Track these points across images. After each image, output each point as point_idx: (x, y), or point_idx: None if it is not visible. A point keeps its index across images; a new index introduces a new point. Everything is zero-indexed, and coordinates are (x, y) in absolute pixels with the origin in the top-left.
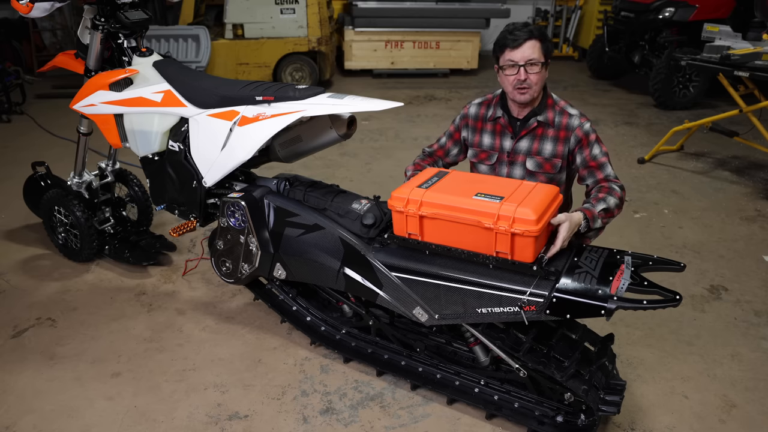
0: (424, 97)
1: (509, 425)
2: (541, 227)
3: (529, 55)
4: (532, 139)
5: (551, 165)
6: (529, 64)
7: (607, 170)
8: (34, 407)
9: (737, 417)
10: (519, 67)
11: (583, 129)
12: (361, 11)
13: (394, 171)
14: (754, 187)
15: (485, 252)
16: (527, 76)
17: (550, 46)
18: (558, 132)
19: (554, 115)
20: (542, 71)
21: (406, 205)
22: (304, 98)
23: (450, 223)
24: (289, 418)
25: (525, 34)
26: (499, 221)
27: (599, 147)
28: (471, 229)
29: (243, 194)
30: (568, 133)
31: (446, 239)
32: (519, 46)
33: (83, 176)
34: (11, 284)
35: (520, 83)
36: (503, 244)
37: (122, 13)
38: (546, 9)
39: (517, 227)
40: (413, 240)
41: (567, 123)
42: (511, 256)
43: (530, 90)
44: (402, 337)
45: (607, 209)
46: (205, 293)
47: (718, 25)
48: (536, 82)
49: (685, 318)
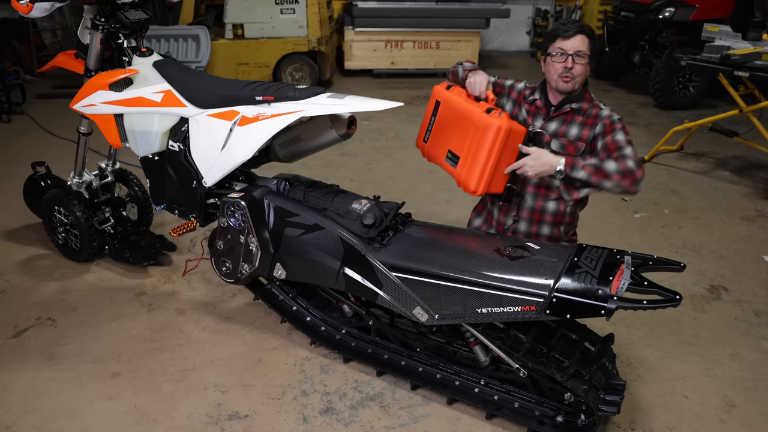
0: (424, 97)
1: (509, 425)
2: None
3: (578, 46)
4: (561, 122)
5: (575, 148)
6: (577, 55)
7: (625, 150)
8: (34, 407)
9: (737, 417)
10: (568, 56)
11: (611, 118)
12: (361, 11)
13: (394, 171)
14: (754, 187)
15: None
16: (573, 65)
17: (596, 45)
18: (587, 119)
19: (588, 107)
20: (587, 65)
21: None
22: (304, 98)
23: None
24: (289, 418)
25: (576, 27)
26: None
27: (623, 134)
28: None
29: (243, 194)
30: (596, 120)
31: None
32: (570, 37)
33: (83, 176)
34: (11, 284)
35: (566, 71)
36: None
37: (122, 13)
38: (546, 9)
39: None
40: None
41: (597, 113)
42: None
43: (573, 80)
44: (402, 337)
45: (597, 167)
46: (205, 293)
47: (718, 25)
48: (580, 73)
49: (685, 318)
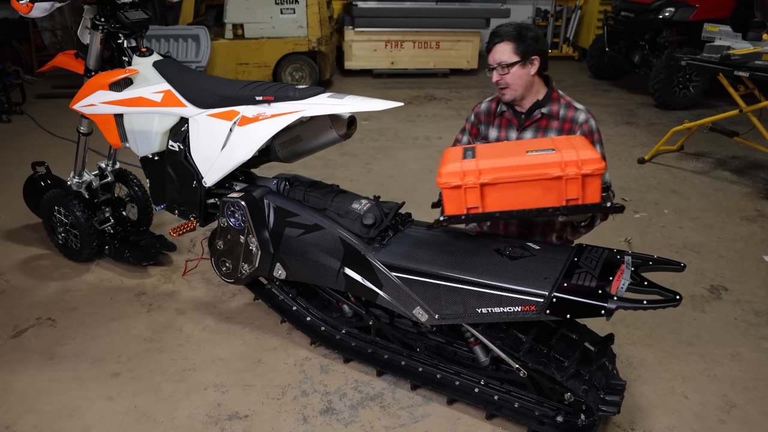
0: (424, 97)
1: (509, 425)
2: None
3: (498, 58)
4: (536, 130)
5: None
6: (500, 67)
7: (605, 176)
8: (34, 407)
9: (737, 417)
10: (492, 70)
11: (589, 125)
12: (361, 11)
13: (394, 171)
14: (754, 187)
15: (554, 204)
16: (500, 77)
17: (528, 43)
18: (563, 124)
19: (559, 108)
20: (519, 70)
21: (463, 177)
22: (304, 98)
23: (513, 184)
24: (289, 418)
25: (496, 38)
26: (567, 167)
27: (601, 149)
28: (537, 184)
29: (243, 194)
30: (573, 126)
31: (509, 203)
32: (491, 49)
33: (83, 176)
34: (11, 284)
35: (498, 84)
36: (574, 190)
37: (122, 13)
38: (546, 9)
39: (587, 168)
40: (472, 215)
41: (573, 116)
42: (582, 200)
43: (509, 89)
44: (402, 337)
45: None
46: (205, 293)
47: (718, 25)
48: (512, 81)
49: (685, 318)
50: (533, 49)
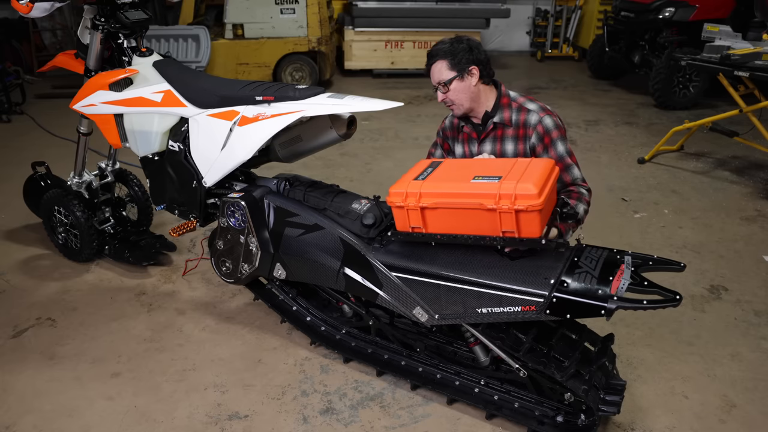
0: (424, 97)
1: (509, 425)
2: (543, 200)
3: (437, 77)
4: (493, 141)
5: None
6: (441, 85)
7: (574, 173)
8: (34, 407)
9: (737, 417)
10: (436, 90)
11: (543, 124)
12: (361, 11)
13: (394, 171)
14: (754, 187)
15: (491, 234)
16: (444, 96)
17: (461, 56)
18: (517, 131)
19: (511, 114)
20: (459, 84)
21: (405, 199)
22: (304, 98)
23: (452, 210)
24: (289, 418)
25: (430, 59)
26: (501, 200)
27: (563, 145)
28: (474, 213)
29: (243, 194)
30: (527, 130)
31: (451, 227)
32: (428, 72)
33: (83, 176)
34: (11, 284)
35: (444, 102)
36: (508, 223)
37: (122, 13)
38: (546, 9)
39: (520, 203)
40: (417, 234)
41: (525, 120)
42: (518, 233)
43: (455, 105)
44: (402, 337)
45: (579, 219)
46: (205, 293)
47: (718, 25)
48: (456, 97)
49: (685, 318)
50: (468, 60)
